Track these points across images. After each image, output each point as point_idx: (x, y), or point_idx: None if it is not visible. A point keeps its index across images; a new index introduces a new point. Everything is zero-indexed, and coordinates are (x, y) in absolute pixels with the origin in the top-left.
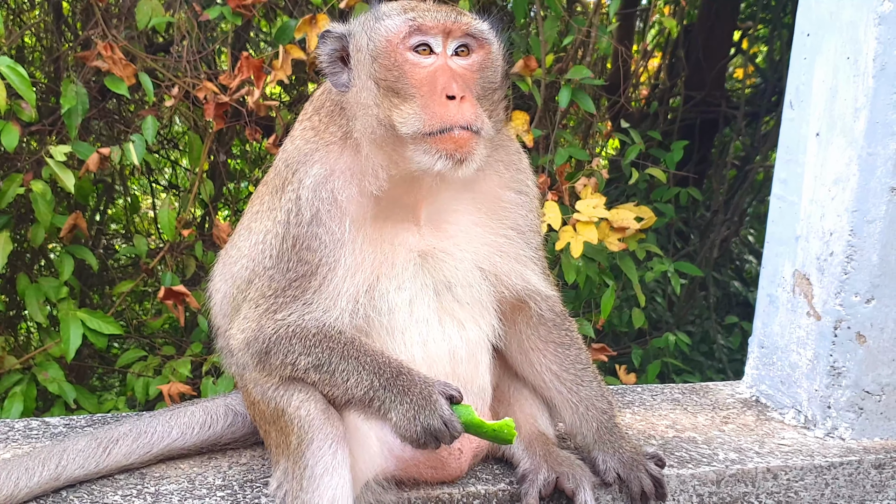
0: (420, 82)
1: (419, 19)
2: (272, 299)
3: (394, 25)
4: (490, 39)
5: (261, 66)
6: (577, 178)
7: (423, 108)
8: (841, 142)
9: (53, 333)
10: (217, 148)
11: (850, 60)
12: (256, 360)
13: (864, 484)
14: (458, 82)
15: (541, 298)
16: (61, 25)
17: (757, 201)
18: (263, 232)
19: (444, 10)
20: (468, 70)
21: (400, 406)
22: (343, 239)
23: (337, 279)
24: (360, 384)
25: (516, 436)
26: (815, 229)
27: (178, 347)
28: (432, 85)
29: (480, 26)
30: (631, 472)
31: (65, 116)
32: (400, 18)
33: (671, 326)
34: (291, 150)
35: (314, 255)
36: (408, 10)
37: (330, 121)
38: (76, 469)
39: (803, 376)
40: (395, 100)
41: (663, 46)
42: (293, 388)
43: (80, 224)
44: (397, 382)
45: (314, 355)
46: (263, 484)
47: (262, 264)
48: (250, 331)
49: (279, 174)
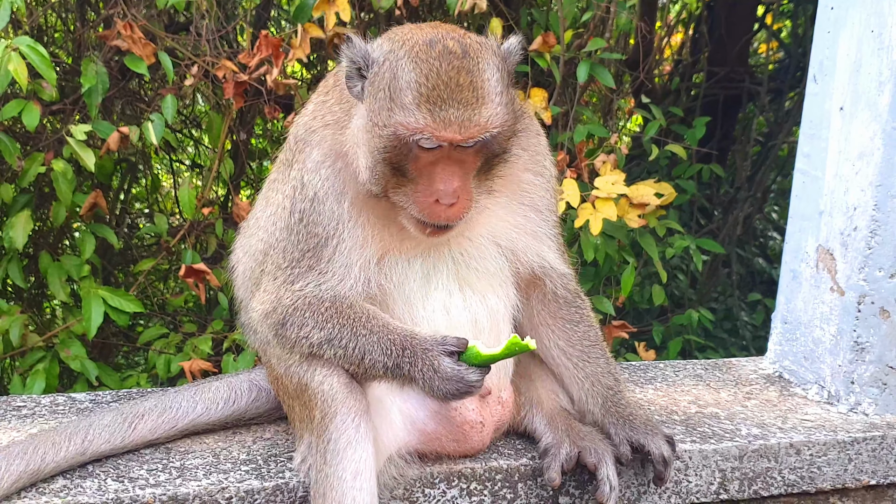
0: (419, 171)
1: (437, 130)
2: (288, 270)
3: (408, 123)
4: (505, 131)
5: (279, 44)
6: (596, 154)
7: (415, 200)
8: (865, 116)
9: (76, 311)
10: (238, 127)
11: (874, 34)
12: (275, 333)
13: (888, 459)
14: (454, 184)
15: (556, 276)
16: (83, 5)
17: (781, 177)
18: (276, 205)
19: (467, 107)
20: (473, 155)
21: (414, 383)
22: (343, 217)
23: (347, 250)
24: (374, 364)
25: (533, 342)
26: (839, 204)
27: (199, 325)
28: (430, 181)
29: (495, 127)
30: (646, 438)
31: (85, 96)
32: (417, 118)
33: (694, 303)
34: (301, 125)
35: (322, 229)
36: (430, 100)
37: (337, 102)
38: (102, 444)
39: (826, 352)
40: (390, 172)
41: (686, 22)
42: (316, 362)
43: (101, 203)
44: (404, 358)
45: (326, 330)
46: (288, 458)
47: (275, 236)
48: (269, 303)
49: (290, 148)
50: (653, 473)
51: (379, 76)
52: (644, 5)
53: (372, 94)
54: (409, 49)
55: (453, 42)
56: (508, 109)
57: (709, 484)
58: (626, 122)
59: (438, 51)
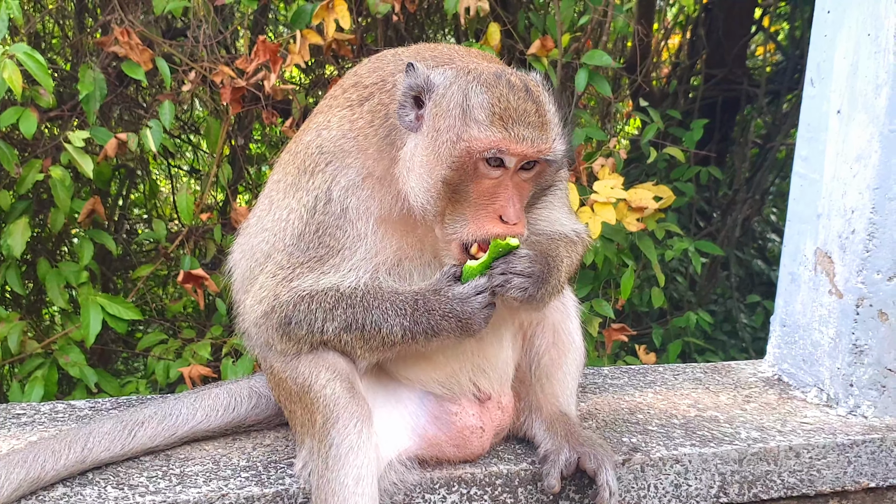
0: (480, 193)
1: (510, 144)
2: (289, 270)
3: (483, 137)
4: (561, 160)
5: (277, 50)
6: (594, 158)
7: (472, 218)
8: (862, 118)
9: (75, 318)
10: (236, 132)
11: (870, 37)
12: (281, 333)
13: (887, 462)
14: (515, 206)
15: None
16: (81, 11)
17: (779, 179)
18: (287, 210)
19: (535, 129)
20: (529, 181)
21: (439, 330)
22: (367, 235)
23: (357, 259)
24: (392, 331)
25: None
26: (837, 207)
27: (198, 331)
28: (491, 200)
29: (558, 151)
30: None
31: (83, 102)
32: (491, 133)
33: (693, 306)
34: (328, 138)
35: (337, 242)
36: (503, 119)
37: (373, 121)
38: (102, 451)
39: (825, 354)
40: (449, 194)
41: (683, 25)
42: (319, 366)
43: (99, 209)
44: (418, 308)
45: (339, 319)
46: (288, 465)
47: (283, 241)
48: (267, 301)
49: (310, 157)
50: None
51: (447, 98)
52: (641, 8)
53: (438, 115)
54: (478, 76)
55: (515, 77)
56: (565, 140)
57: (708, 487)
58: (625, 125)
59: (505, 82)
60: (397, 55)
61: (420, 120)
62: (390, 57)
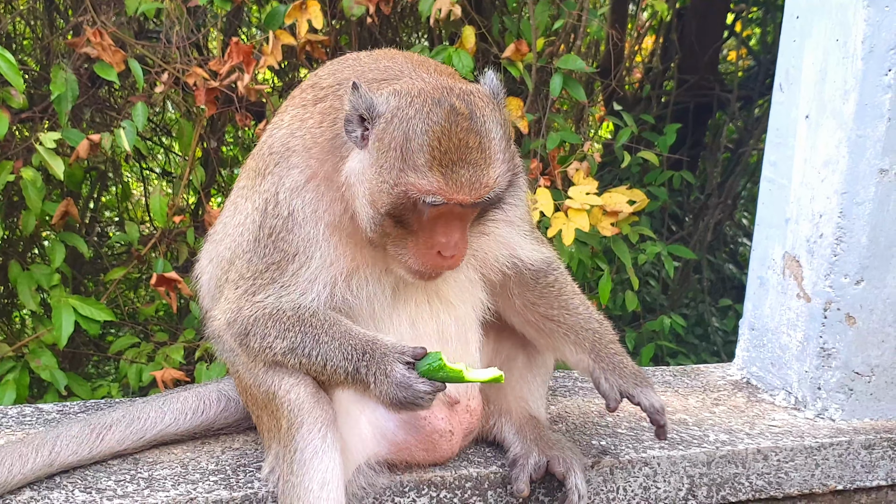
0: (421, 225)
1: (449, 192)
2: (251, 280)
3: (422, 185)
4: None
5: (250, 51)
6: (569, 162)
7: (415, 252)
8: (830, 124)
9: (46, 321)
10: (209, 134)
11: (839, 43)
12: (239, 343)
13: (854, 464)
14: (456, 236)
15: (537, 262)
16: (52, 12)
17: (751, 184)
18: (244, 214)
19: (476, 168)
20: (474, 210)
21: (368, 389)
22: (318, 239)
23: (314, 267)
24: (336, 370)
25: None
26: (805, 212)
27: (171, 334)
28: (432, 234)
29: (502, 184)
30: (636, 389)
31: (55, 103)
32: (429, 180)
33: (666, 309)
34: (278, 138)
35: (290, 246)
36: (442, 164)
37: (322, 122)
38: (69, 455)
39: (793, 358)
40: (391, 225)
41: (657, 30)
42: (283, 371)
43: (72, 211)
44: (362, 362)
45: (288, 339)
46: (256, 468)
47: (242, 247)
48: (230, 312)
49: (263, 158)
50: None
51: (388, 133)
52: (615, 13)
53: (380, 150)
54: (419, 108)
55: (459, 101)
56: (510, 165)
57: (677, 490)
58: (598, 129)
59: (447, 111)
60: (358, 60)
61: (365, 140)
62: (351, 61)
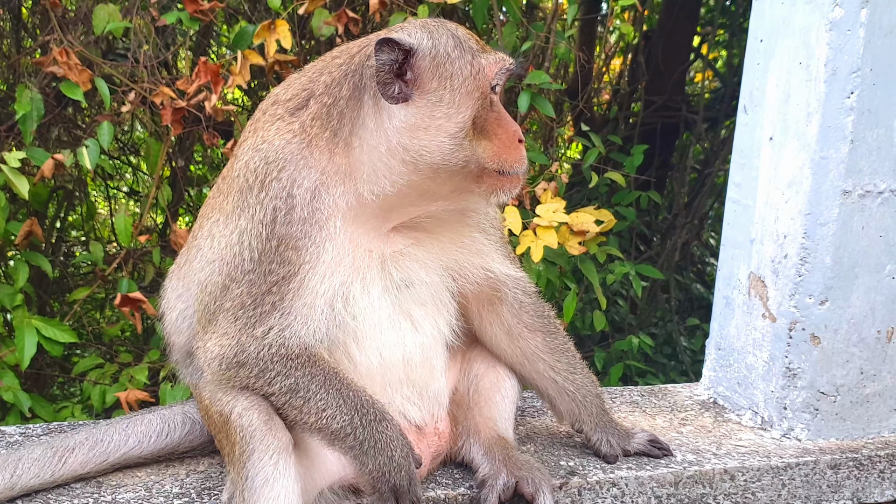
0: (496, 122)
1: (504, 61)
2: (251, 309)
3: (492, 59)
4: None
5: (218, 71)
6: (537, 182)
7: (501, 146)
8: (794, 145)
9: (9, 342)
10: (177, 153)
11: (802, 65)
12: (224, 369)
13: (821, 484)
14: (513, 121)
15: (510, 281)
16: (20, 31)
17: (718, 204)
18: (238, 233)
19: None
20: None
21: (378, 456)
22: (333, 236)
23: (315, 280)
24: (337, 417)
25: None
26: (770, 232)
27: (136, 355)
28: (507, 128)
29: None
30: (629, 443)
31: (20, 122)
32: (490, 56)
33: (634, 329)
34: (270, 150)
35: (298, 255)
36: (483, 46)
37: (316, 122)
38: (31, 478)
39: (759, 378)
40: (473, 132)
41: (624, 51)
42: (240, 395)
43: (36, 231)
44: (378, 429)
45: (293, 378)
46: (220, 492)
47: (241, 268)
48: (229, 347)
49: (255, 171)
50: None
51: (439, 47)
52: (583, 35)
53: (440, 65)
54: (435, 27)
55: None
56: None
57: None
58: (566, 149)
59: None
60: (302, 72)
61: (410, 85)
62: (297, 74)
